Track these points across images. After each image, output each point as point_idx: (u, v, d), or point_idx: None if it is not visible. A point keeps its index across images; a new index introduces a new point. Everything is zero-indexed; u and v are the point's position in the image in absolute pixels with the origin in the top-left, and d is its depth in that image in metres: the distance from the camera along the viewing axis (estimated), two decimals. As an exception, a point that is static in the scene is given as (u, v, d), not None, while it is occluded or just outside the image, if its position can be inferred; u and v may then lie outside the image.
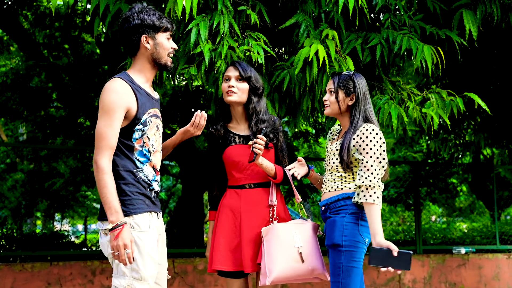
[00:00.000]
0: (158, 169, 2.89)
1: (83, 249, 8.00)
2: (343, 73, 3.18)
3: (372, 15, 4.60)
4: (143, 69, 2.86)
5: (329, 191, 3.09)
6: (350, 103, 3.12)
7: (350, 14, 3.97)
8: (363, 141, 2.95)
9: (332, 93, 3.15)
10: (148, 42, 2.82)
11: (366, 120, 3.07)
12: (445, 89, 4.68)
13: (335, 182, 3.08)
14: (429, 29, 4.49)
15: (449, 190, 12.34)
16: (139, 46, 2.83)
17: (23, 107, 9.02)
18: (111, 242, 2.61)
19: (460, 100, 4.39)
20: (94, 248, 7.78)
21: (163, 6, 4.37)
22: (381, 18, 4.65)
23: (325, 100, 3.19)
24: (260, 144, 3.07)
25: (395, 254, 2.75)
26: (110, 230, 2.59)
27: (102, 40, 8.64)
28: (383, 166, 2.92)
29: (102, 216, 2.72)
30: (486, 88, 7.09)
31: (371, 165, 2.90)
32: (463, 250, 8.36)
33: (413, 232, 9.37)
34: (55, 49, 9.22)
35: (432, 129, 4.42)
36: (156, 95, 2.97)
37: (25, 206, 11.50)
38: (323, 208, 3.09)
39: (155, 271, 2.75)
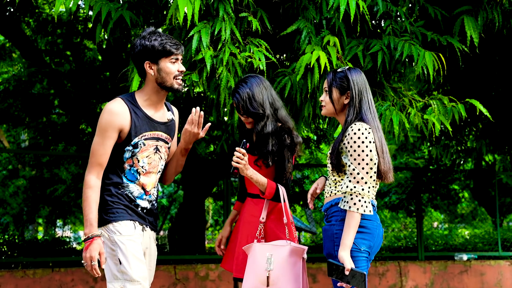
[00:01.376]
0: (149, 190, 2.95)
1: (85, 255, 7.98)
2: (338, 69, 2.97)
3: (373, 21, 4.61)
4: (150, 92, 2.94)
5: (326, 196, 2.97)
6: (346, 101, 2.91)
7: (352, 21, 3.97)
8: (348, 142, 2.77)
9: (327, 92, 2.97)
10: (151, 68, 2.88)
11: (361, 119, 2.85)
12: (447, 95, 4.68)
13: (330, 187, 2.94)
14: (431, 35, 4.50)
15: (451, 197, 12.32)
16: (145, 71, 2.90)
17: (25, 113, 9.03)
18: (82, 253, 2.76)
19: (461, 106, 4.39)
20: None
21: (165, 12, 4.39)
22: (383, 25, 4.66)
23: (321, 100, 3.02)
24: (238, 157, 3.00)
25: (346, 272, 2.66)
26: (83, 241, 2.74)
27: (104, 46, 8.66)
28: (371, 168, 2.73)
29: (99, 223, 2.85)
30: (487, 95, 7.09)
31: (354, 169, 2.73)
32: (465, 257, 8.34)
33: (415, 238, 9.35)
34: (57, 55, 9.24)
35: (433, 136, 4.42)
36: (165, 117, 3.01)
37: (27, 213, 11.51)
38: (324, 214, 3.00)
39: (145, 272, 2.84)
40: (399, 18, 4.60)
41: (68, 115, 9.34)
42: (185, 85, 4.05)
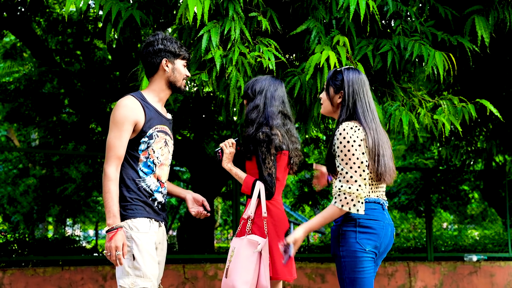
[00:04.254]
0: (164, 182, 3.08)
1: (94, 254, 8.02)
2: (338, 68, 2.96)
3: (383, 21, 4.60)
4: (158, 90, 3.10)
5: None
6: (339, 100, 2.89)
7: (361, 21, 3.96)
8: (335, 144, 2.76)
9: (325, 90, 2.98)
10: (167, 66, 3.07)
11: (357, 119, 2.82)
12: (457, 95, 4.66)
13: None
14: (441, 35, 4.48)
15: (460, 197, 12.25)
16: (158, 68, 3.08)
17: (36, 112, 9.08)
18: (105, 243, 2.83)
19: (472, 106, 4.37)
20: (105, 253, 7.82)
21: (175, 12, 4.40)
22: (393, 25, 4.65)
23: (320, 97, 3.03)
24: (225, 144, 3.24)
25: (281, 247, 2.80)
26: (107, 232, 2.82)
27: (114, 46, 8.69)
28: (359, 167, 2.70)
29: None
30: (498, 95, 7.05)
31: (343, 169, 2.71)
32: (474, 258, 8.30)
33: (424, 239, 9.31)
34: (68, 55, 9.29)
35: (443, 136, 4.40)
36: (168, 115, 3.19)
37: (37, 211, 11.57)
38: None
39: (156, 270, 2.93)
40: (409, 18, 4.59)
41: (78, 115, 9.38)
42: (195, 84, 4.06)
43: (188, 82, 4.08)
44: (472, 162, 8.86)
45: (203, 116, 8.62)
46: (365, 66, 4.33)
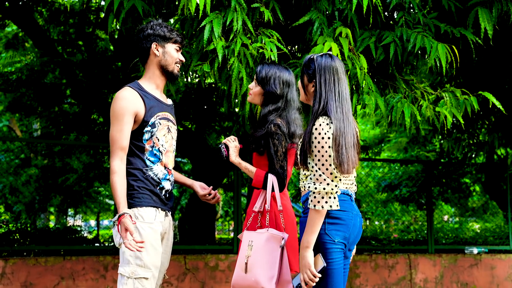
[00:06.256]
0: (171, 168, 3.10)
1: (96, 244, 8.05)
2: (311, 56, 2.84)
3: (386, 13, 4.58)
4: (153, 76, 3.09)
5: (302, 190, 2.94)
6: (312, 90, 2.81)
7: (364, 12, 3.95)
8: (310, 139, 2.69)
9: (300, 78, 2.91)
10: (157, 50, 3.06)
11: (326, 111, 2.72)
12: (459, 88, 4.65)
13: (303, 182, 2.89)
14: (444, 27, 4.47)
15: (462, 190, 12.24)
16: (149, 53, 3.08)
17: (38, 103, 9.08)
18: (118, 232, 2.83)
19: (474, 99, 4.36)
20: (106, 244, 7.84)
21: (177, 3, 4.39)
22: (395, 16, 4.64)
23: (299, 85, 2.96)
24: (228, 140, 3.24)
25: (316, 278, 2.69)
26: (114, 222, 2.84)
27: (116, 36, 8.68)
28: (330, 165, 2.65)
29: None
30: (501, 87, 7.03)
31: (313, 167, 2.67)
32: (475, 250, 8.31)
33: (425, 231, 9.32)
34: (70, 45, 9.27)
35: (445, 128, 4.40)
36: (168, 101, 3.20)
37: (39, 201, 11.58)
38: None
39: (158, 261, 2.95)
40: (412, 10, 4.57)
41: (80, 105, 9.38)
42: (197, 75, 4.05)
43: (190, 73, 4.07)
44: (473, 155, 8.86)
45: (205, 107, 8.61)
46: (368, 58, 4.32)
